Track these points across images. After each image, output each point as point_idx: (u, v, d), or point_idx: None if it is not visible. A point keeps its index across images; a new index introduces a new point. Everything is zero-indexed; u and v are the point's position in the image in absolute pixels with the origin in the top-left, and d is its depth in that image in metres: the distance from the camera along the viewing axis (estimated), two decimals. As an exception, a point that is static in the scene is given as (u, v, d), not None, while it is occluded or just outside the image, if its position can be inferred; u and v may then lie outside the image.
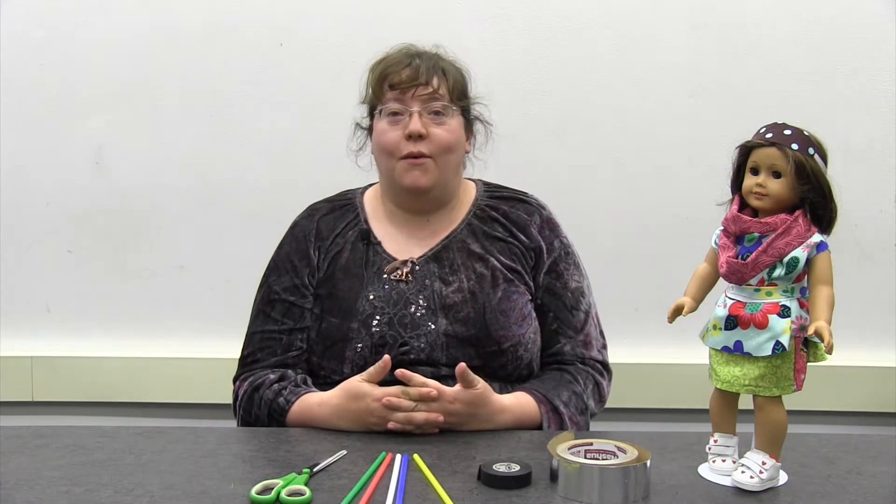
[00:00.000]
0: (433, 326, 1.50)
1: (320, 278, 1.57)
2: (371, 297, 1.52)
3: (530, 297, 1.57)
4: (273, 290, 1.59)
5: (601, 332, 1.63)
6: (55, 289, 2.16)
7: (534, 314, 1.57)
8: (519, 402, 1.46)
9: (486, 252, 1.57)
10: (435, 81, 1.52)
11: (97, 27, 2.08)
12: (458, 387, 1.39)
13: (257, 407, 1.49)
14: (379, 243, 1.58)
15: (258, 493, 1.12)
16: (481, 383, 1.40)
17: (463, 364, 1.38)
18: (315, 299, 1.57)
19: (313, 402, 1.45)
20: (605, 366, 1.61)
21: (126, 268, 2.15)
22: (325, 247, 1.59)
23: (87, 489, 1.15)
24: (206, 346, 2.13)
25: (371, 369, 1.40)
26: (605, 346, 1.63)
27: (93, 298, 2.15)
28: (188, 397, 2.12)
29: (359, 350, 1.49)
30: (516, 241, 1.58)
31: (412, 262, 1.55)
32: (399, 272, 1.54)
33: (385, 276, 1.54)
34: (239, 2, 2.08)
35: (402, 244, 1.58)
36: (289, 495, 1.11)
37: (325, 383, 1.52)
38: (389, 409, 1.35)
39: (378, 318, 1.50)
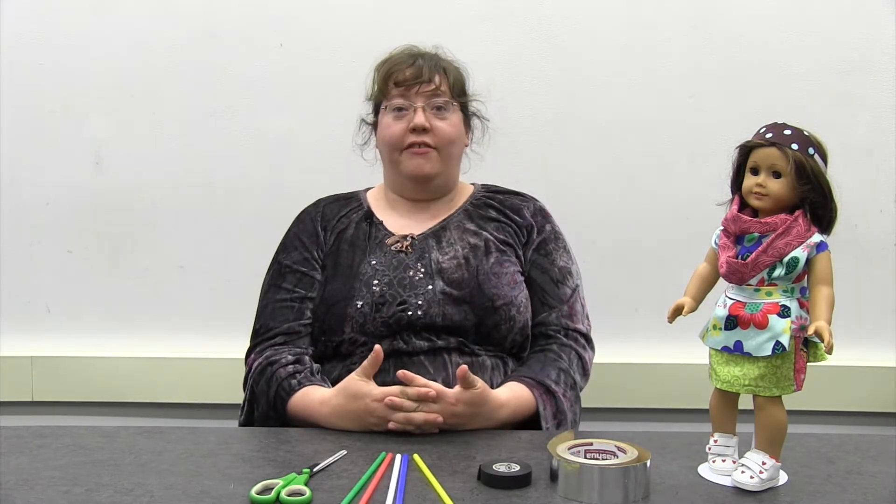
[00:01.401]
0: (430, 287, 1.55)
1: (326, 251, 1.64)
2: (373, 262, 1.59)
3: (520, 270, 1.63)
4: (284, 265, 1.64)
5: (587, 316, 1.66)
6: (55, 289, 2.16)
7: (524, 286, 1.62)
8: (514, 393, 1.48)
9: (480, 229, 1.65)
10: (437, 79, 1.61)
11: (97, 27, 2.08)
12: (458, 388, 1.39)
13: (266, 382, 1.51)
14: (381, 222, 1.66)
15: (258, 493, 1.12)
16: (480, 383, 1.41)
17: (464, 366, 1.39)
18: (321, 270, 1.62)
19: (316, 398, 1.46)
20: (588, 339, 1.65)
21: (126, 268, 2.15)
22: (331, 226, 1.67)
23: (87, 489, 1.15)
24: (206, 346, 2.13)
25: (365, 363, 1.42)
26: (589, 325, 1.66)
27: (93, 298, 2.15)
28: (188, 397, 2.12)
29: (359, 307, 1.54)
30: (509, 220, 1.66)
31: (412, 236, 1.62)
32: (399, 244, 1.61)
33: (387, 248, 1.61)
34: (238, 2, 2.08)
35: (402, 224, 1.65)
36: (289, 495, 1.11)
37: (323, 356, 1.56)
38: (390, 408, 1.36)
39: (379, 278, 1.56)
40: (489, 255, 1.60)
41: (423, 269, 1.58)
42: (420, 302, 1.54)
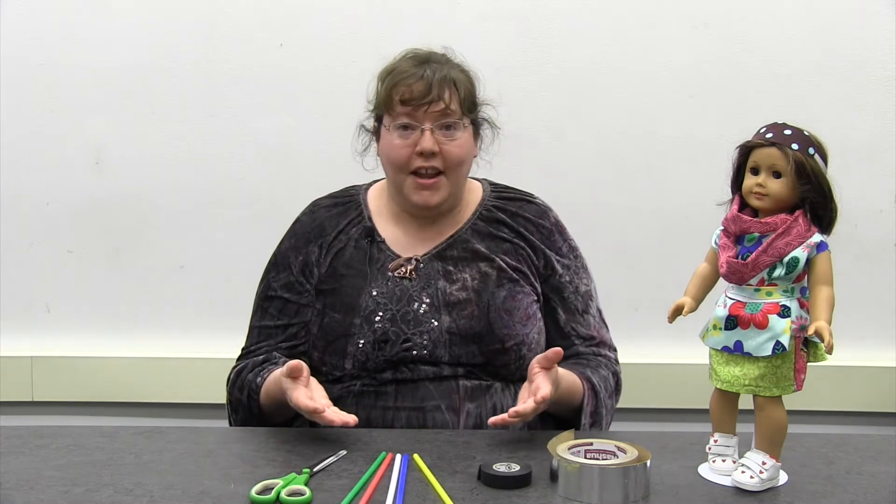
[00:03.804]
0: (436, 324, 1.49)
1: (322, 274, 1.57)
2: (374, 293, 1.52)
3: (535, 298, 1.57)
4: (271, 287, 1.60)
5: (607, 328, 1.64)
6: (55, 289, 2.16)
7: (539, 315, 1.57)
8: (567, 373, 1.45)
9: (491, 252, 1.56)
10: (447, 96, 1.49)
11: (97, 27, 2.08)
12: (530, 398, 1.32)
13: (239, 389, 1.51)
14: (383, 241, 1.57)
15: (258, 493, 1.12)
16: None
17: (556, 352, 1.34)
18: (318, 295, 1.57)
19: (273, 378, 1.44)
20: (616, 359, 1.62)
21: (126, 268, 2.15)
22: (328, 243, 1.58)
23: (87, 489, 1.15)
24: (206, 346, 2.13)
25: (285, 372, 1.36)
26: (615, 350, 1.64)
27: (93, 298, 2.15)
28: (188, 397, 2.12)
29: (360, 346, 1.49)
30: (523, 241, 1.58)
31: (416, 259, 1.55)
32: (403, 269, 1.54)
33: (389, 273, 1.54)
34: (239, 2, 2.08)
35: (406, 243, 1.57)
36: (289, 495, 1.11)
37: (328, 380, 1.51)
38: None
39: (381, 314, 1.50)
40: (501, 286, 1.52)
41: (427, 301, 1.51)
42: (425, 341, 1.48)
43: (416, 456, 1.26)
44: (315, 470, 1.21)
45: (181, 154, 2.11)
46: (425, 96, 1.47)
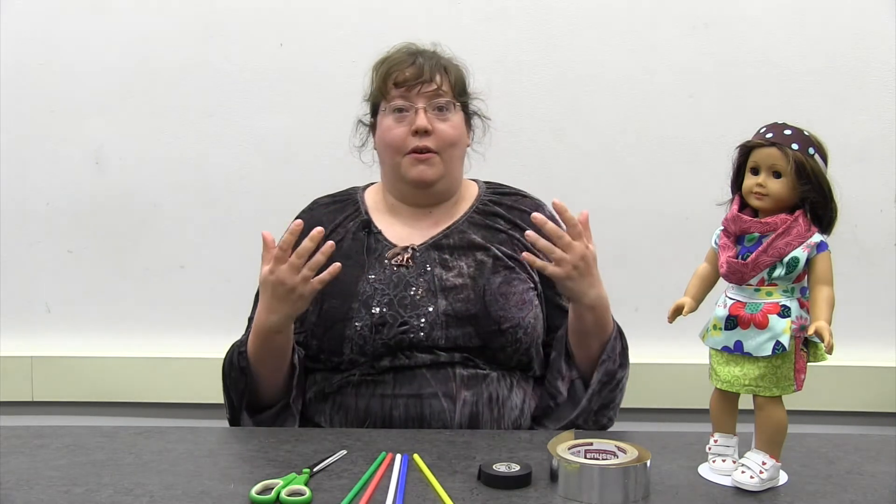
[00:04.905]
0: (432, 308, 1.51)
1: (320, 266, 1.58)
2: (371, 278, 1.54)
3: (532, 286, 1.58)
4: None
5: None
6: (55, 289, 2.16)
7: (535, 302, 1.58)
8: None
9: (486, 242, 1.59)
10: (438, 78, 1.57)
11: (97, 27, 2.08)
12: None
13: (229, 362, 1.52)
14: (380, 232, 1.61)
15: (258, 493, 1.12)
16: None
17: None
18: None
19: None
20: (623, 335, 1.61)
21: (126, 267, 2.15)
22: (326, 236, 1.59)
23: (87, 489, 1.16)
24: (206, 346, 2.12)
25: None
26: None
27: (93, 298, 2.15)
28: (188, 397, 2.12)
29: (358, 329, 1.50)
30: (519, 232, 1.60)
31: (413, 248, 1.58)
32: (400, 257, 1.56)
33: (386, 261, 1.56)
34: (239, 2, 2.08)
35: (402, 234, 1.61)
36: (289, 495, 1.11)
37: (326, 369, 1.54)
38: (291, 268, 1.39)
39: (378, 298, 1.52)
40: (497, 273, 1.55)
41: (424, 286, 1.53)
42: (422, 323, 1.50)
43: (416, 456, 1.26)
44: (315, 470, 1.21)
45: (181, 154, 2.11)
46: (418, 77, 1.55)
